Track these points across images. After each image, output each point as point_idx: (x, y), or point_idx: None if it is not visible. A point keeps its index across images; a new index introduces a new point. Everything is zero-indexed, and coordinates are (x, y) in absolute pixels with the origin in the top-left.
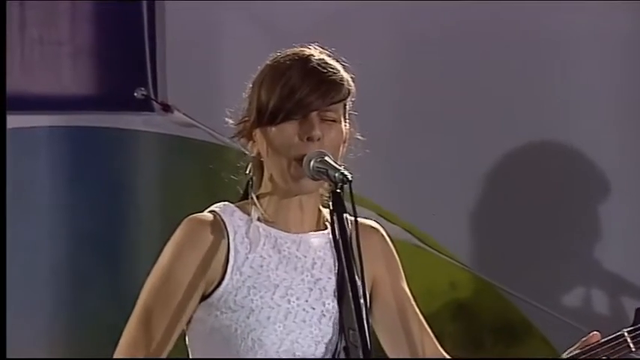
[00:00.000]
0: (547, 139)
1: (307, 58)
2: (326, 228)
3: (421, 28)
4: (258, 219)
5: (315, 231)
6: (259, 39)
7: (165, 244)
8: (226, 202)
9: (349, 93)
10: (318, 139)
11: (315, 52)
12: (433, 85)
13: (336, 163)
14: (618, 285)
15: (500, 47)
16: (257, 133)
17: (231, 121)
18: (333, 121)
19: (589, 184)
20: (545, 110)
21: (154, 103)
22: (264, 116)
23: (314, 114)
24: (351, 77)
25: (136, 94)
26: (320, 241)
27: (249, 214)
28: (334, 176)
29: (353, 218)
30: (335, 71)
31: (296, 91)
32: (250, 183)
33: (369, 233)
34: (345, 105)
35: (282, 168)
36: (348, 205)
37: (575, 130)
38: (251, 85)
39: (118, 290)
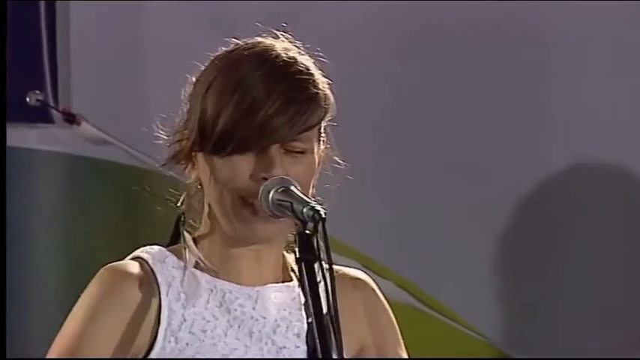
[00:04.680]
0: (577, 165)
1: (273, 60)
2: (291, 279)
3: (413, 25)
4: (197, 266)
5: (277, 283)
6: (195, 35)
7: (73, 301)
8: (156, 246)
9: (326, 113)
10: None
11: (282, 49)
12: (429, 99)
13: (304, 194)
14: None
15: (510, 52)
16: (198, 156)
17: (162, 135)
18: (302, 152)
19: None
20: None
21: (54, 111)
22: (209, 141)
23: (276, 146)
24: (329, 83)
25: (28, 99)
26: (284, 296)
27: (185, 260)
28: (302, 212)
29: (328, 266)
30: (310, 81)
31: (256, 112)
32: (182, 219)
33: (353, 287)
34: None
35: (226, 207)
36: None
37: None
38: (192, 87)
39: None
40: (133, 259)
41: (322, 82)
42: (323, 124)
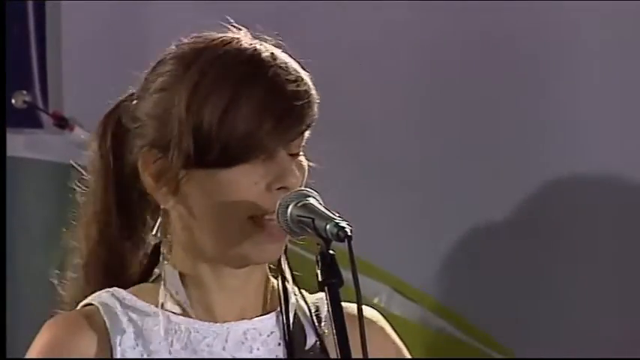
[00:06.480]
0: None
1: (257, 58)
2: (277, 308)
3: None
4: (162, 305)
5: (256, 316)
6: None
7: None
8: (114, 288)
9: (316, 104)
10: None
11: (254, 42)
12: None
13: (327, 208)
14: None
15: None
16: (185, 176)
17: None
18: (298, 154)
19: None
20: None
21: (43, 115)
22: (208, 154)
23: (283, 150)
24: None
25: (14, 100)
26: (259, 332)
27: (149, 302)
28: (325, 229)
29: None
30: (297, 76)
31: (259, 120)
32: (163, 252)
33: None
34: None
35: (230, 230)
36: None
37: None
38: (154, 97)
39: None
40: (85, 305)
41: (301, 70)
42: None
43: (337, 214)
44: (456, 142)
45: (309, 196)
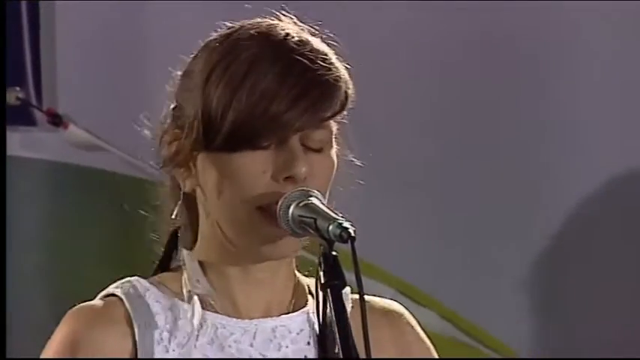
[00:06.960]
0: None
1: (282, 42)
2: (305, 305)
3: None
4: (185, 297)
5: (283, 313)
6: (196, 31)
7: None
8: (135, 278)
9: (347, 99)
10: (304, 179)
11: (292, 30)
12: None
13: (329, 208)
14: None
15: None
16: (199, 160)
17: (148, 135)
18: (320, 150)
19: None
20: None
21: (37, 112)
22: (216, 136)
23: (295, 138)
24: (346, 67)
25: (7, 97)
26: (289, 329)
27: (173, 291)
28: (327, 230)
29: (356, 295)
30: (327, 65)
31: (270, 102)
32: (177, 237)
33: (388, 321)
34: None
35: (240, 220)
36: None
37: None
38: (182, 79)
39: None
40: (106, 296)
41: (340, 64)
42: (344, 113)
43: (340, 215)
44: (456, 142)
45: (312, 196)
